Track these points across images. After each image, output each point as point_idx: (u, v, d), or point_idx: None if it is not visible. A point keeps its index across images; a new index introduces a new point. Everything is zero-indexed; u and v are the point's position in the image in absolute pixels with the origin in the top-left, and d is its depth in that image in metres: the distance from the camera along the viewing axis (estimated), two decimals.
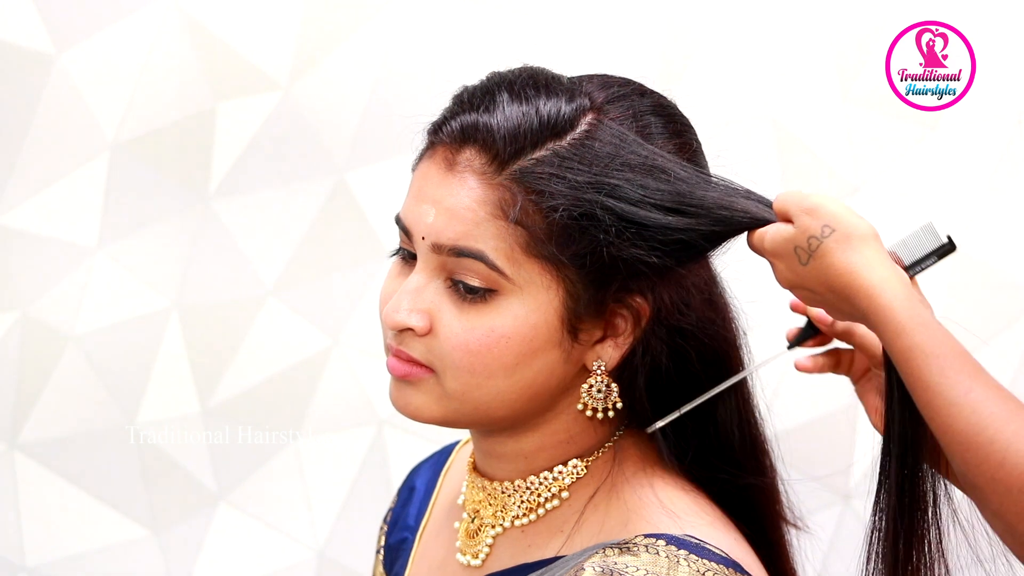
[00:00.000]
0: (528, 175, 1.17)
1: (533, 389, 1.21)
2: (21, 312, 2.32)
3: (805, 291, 1.18)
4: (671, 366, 1.24)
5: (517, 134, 1.17)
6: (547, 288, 1.18)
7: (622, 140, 1.18)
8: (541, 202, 1.16)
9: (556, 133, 1.18)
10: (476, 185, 1.18)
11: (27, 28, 2.26)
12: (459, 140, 1.19)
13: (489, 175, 1.18)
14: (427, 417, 1.23)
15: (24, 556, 2.36)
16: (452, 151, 1.20)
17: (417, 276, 1.21)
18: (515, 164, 1.17)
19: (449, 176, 1.19)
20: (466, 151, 1.19)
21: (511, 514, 1.26)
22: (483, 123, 1.18)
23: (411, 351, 1.21)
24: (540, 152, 1.18)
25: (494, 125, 1.18)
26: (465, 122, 1.19)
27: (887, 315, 1.12)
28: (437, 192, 1.19)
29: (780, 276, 1.19)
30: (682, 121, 1.25)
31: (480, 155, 1.18)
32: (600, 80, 1.24)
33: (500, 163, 1.18)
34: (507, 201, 1.17)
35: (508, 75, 1.22)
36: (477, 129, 1.18)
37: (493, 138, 1.18)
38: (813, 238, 1.15)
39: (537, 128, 1.18)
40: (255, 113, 2.28)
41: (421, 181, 1.22)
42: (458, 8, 2.24)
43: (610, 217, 1.16)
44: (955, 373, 1.09)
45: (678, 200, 1.17)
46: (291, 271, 2.33)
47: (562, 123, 1.18)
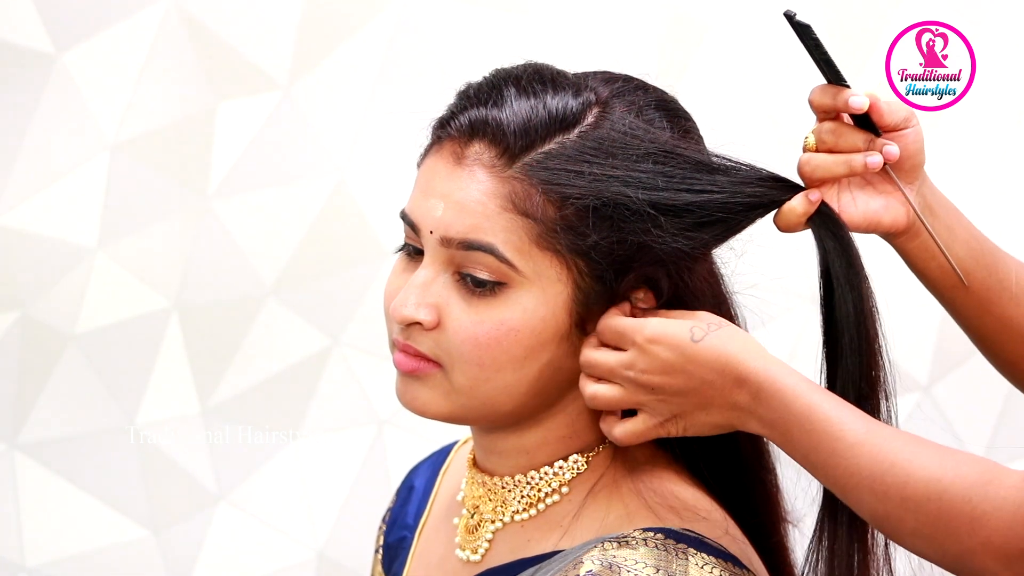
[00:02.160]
0: (539, 168, 1.17)
1: (541, 383, 1.21)
2: (21, 312, 2.33)
3: None
4: None
5: (527, 128, 1.18)
6: (556, 281, 1.18)
7: (632, 130, 1.19)
8: (555, 192, 1.17)
9: (564, 126, 1.19)
10: (486, 178, 1.18)
11: (27, 28, 2.26)
12: (467, 134, 1.20)
13: (499, 168, 1.18)
14: (434, 413, 1.22)
15: (24, 556, 2.36)
16: (460, 145, 1.20)
17: (424, 270, 1.21)
18: (525, 157, 1.18)
19: (458, 170, 1.19)
20: (475, 145, 1.19)
21: (511, 509, 1.26)
22: (492, 117, 1.19)
23: (419, 345, 1.21)
24: (549, 145, 1.18)
25: (503, 119, 1.18)
26: (473, 116, 1.20)
27: (777, 386, 1.14)
28: (446, 186, 1.19)
29: None
30: (685, 116, 1.26)
31: (490, 149, 1.19)
32: (603, 76, 1.24)
33: (510, 156, 1.18)
34: (518, 194, 1.17)
35: (513, 71, 1.23)
36: (486, 123, 1.19)
37: (503, 132, 1.18)
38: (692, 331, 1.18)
39: (546, 122, 1.18)
40: (255, 113, 2.29)
41: (428, 176, 1.22)
42: (458, 8, 2.24)
43: (630, 206, 1.17)
44: (854, 419, 1.13)
45: (696, 181, 1.19)
46: (291, 271, 2.33)
47: (570, 116, 1.19)
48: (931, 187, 1.28)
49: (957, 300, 1.29)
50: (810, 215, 1.22)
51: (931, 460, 1.10)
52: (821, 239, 1.22)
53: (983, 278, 1.28)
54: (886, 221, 1.25)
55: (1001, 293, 1.29)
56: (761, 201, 1.21)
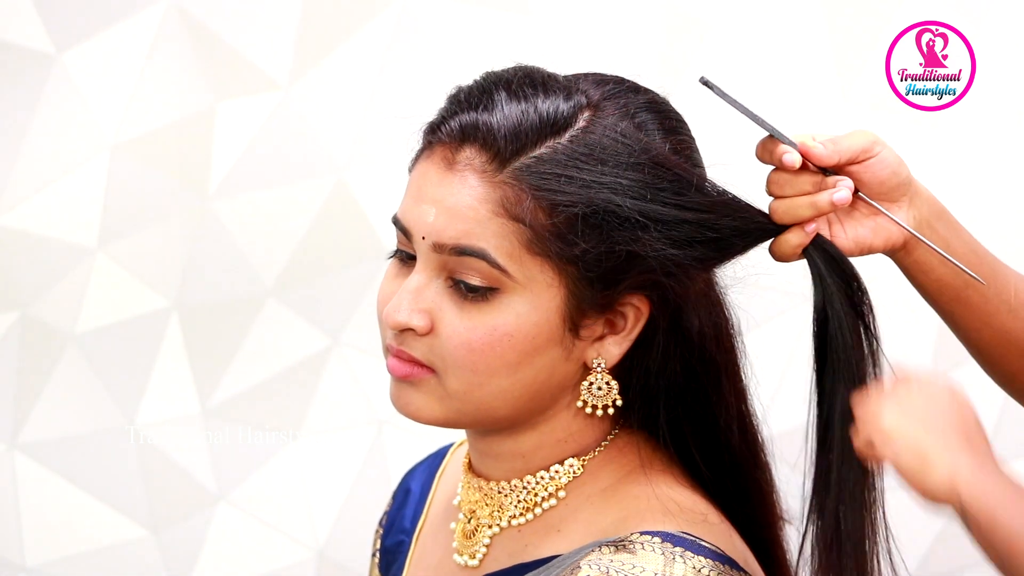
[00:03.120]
0: (530, 172, 1.17)
1: (535, 387, 1.21)
2: (21, 312, 2.33)
3: None
4: (671, 363, 1.24)
5: (518, 132, 1.17)
6: (549, 285, 1.18)
7: (622, 135, 1.19)
8: (545, 199, 1.17)
9: (555, 131, 1.18)
10: (477, 183, 1.18)
11: (27, 28, 2.26)
12: (458, 139, 1.19)
13: (490, 173, 1.18)
14: (428, 418, 1.22)
15: (24, 556, 2.36)
16: (451, 150, 1.20)
17: (417, 276, 1.20)
18: (516, 162, 1.17)
19: (449, 175, 1.19)
20: (466, 150, 1.19)
21: (508, 514, 1.26)
22: (483, 122, 1.18)
23: (412, 351, 1.21)
24: (540, 150, 1.18)
25: (494, 124, 1.18)
26: (464, 121, 1.19)
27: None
28: (437, 191, 1.19)
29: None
30: (676, 118, 1.25)
31: (481, 153, 1.18)
32: (594, 78, 1.24)
33: (501, 161, 1.17)
34: (509, 199, 1.17)
35: (504, 74, 1.22)
36: (477, 128, 1.18)
37: (494, 136, 1.17)
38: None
39: (537, 126, 1.18)
40: (255, 113, 2.29)
41: (420, 181, 1.22)
42: (458, 8, 2.24)
43: (620, 214, 1.16)
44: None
45: (686, 197, 1.19)
46: (291, 271, 2.33)
47: (561, 120, 1.18)
48: (927, 199, 1.27)
49: (956, 313, 1.29)
50: (805, 246, 1.23)
51: None
52: (818, 270, 1.22)
53: (982, 291, 1.28)
54: (878, 243, 1.25)
55: (1000, 306, 1.28)
56: (747, 227, 1.21)
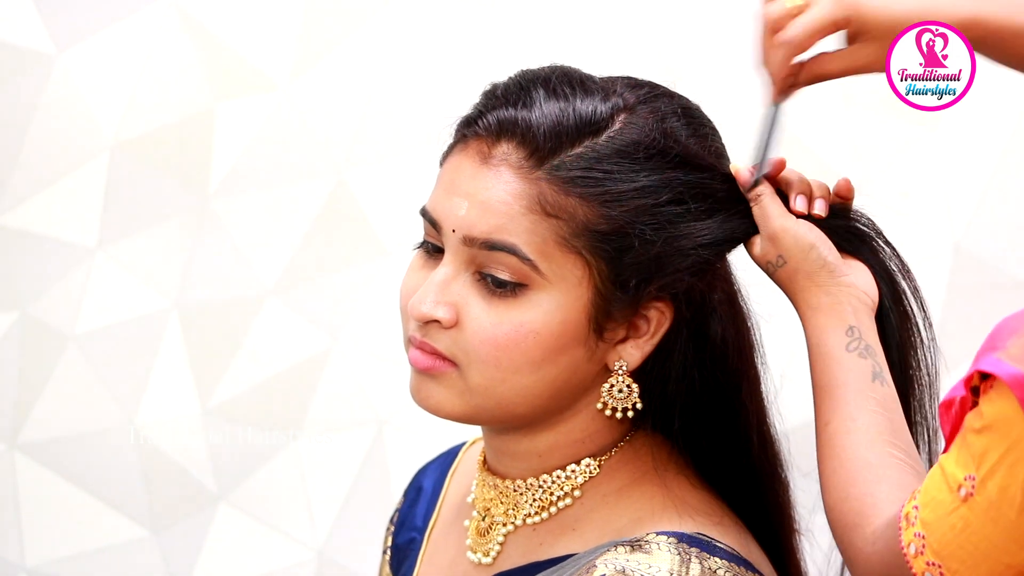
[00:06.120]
0: (568, 170, 1.17)
1: (556, 386, 1.21)
2: (21, 312, 2.32)
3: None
4: (691, 370, 1.25)
5: (558, 130, 1.18)
6: (577, 284, 1.18)
7: (661, 138, 1.19)
8: (583, 196, 1.17)
9: (593, 131, 1.19)
10: (512, 179, 1.18)
11: (27, 28, 2.26)
12: (495, 134, 1.19)
13: (527, 169, 1.18)
14: (448, 412, 1.22)
15: (24, 556, 2.36)
16: (487, 144, 1.20)
17: (445, 268, 1.20)
18: (554, 159, 1.18)
19: (484, 169, 1.19)
20: (502, 145, 1.19)
21: (523, 512, 1.26)
22: (522, 118, 1.18)
23: (436, 343, 1.20)
24: (578, 149, 1.18)
25: (533, 121, 1.18)
26: (502, 116, 1.19)
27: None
28: (470, 185, 1.19)
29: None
30: (708, 124, 1.27)
31: (518, 150, 1.18)
32: (628, 82, 1.25)
33: (539, 158, 1.18)
34: (545, 195, 1.17)
35: (541, 72, 1.23)
36: (516, 124, 1.19)
37: (532, 133, 1.18)
38: (770, 263, 1.25)
39: (576, 125, 1.18)
40: (255, 113, 2.29)
41: (452, 174, 1.22)
42: (458, 8, 2.24)
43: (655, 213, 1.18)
44: (862, 401, 1.20)
45: (717, 198, 1.22)
46: (291, 271, 2.33)
47: (599, 121, 1.19)
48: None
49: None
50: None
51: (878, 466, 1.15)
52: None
53: None
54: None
55: None
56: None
